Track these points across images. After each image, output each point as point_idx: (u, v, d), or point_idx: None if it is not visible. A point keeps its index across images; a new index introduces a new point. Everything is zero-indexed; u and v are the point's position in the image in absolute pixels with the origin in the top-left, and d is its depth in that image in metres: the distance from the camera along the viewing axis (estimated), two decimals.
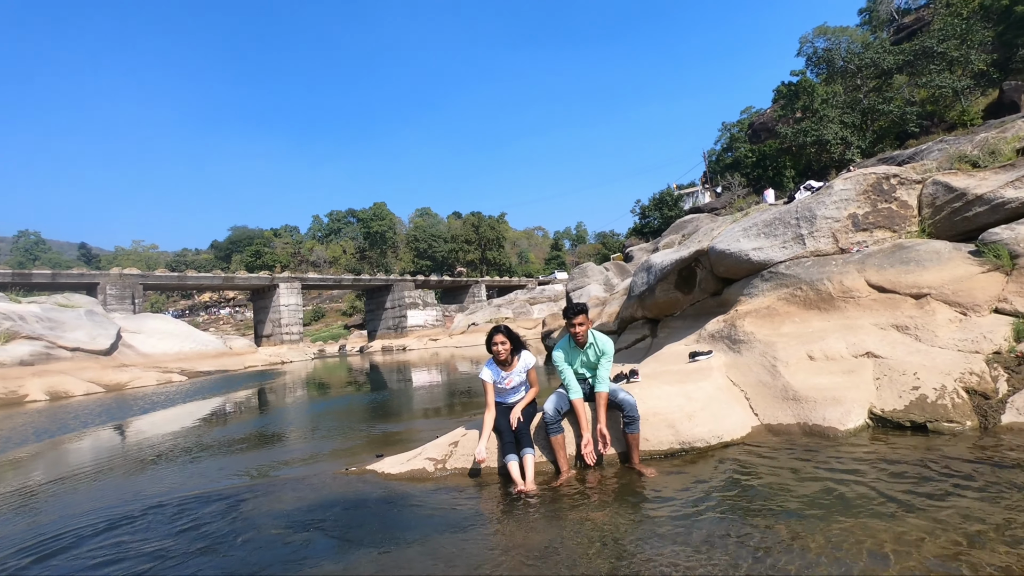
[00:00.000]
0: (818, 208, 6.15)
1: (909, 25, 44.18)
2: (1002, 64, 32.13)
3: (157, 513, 3.76)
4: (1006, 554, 2.10)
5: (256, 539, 3.06)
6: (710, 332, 6.18)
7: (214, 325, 72.16)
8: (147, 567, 2.81)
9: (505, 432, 3.79)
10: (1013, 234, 5.01)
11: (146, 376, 22.01)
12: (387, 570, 2.53)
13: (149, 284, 40.33)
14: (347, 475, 4.20)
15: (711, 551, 2.38)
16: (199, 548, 3.01)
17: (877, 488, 2.89)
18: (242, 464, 5.40)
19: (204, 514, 3.62)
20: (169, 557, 2.92)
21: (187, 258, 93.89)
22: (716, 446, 3.94)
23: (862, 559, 2.17)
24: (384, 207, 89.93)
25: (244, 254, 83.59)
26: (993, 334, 4.40)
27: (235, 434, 7.41)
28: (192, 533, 3.26)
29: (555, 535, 2.77)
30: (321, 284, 52.52)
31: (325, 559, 2.72)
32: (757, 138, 47.73)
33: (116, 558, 2.98)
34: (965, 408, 3.87)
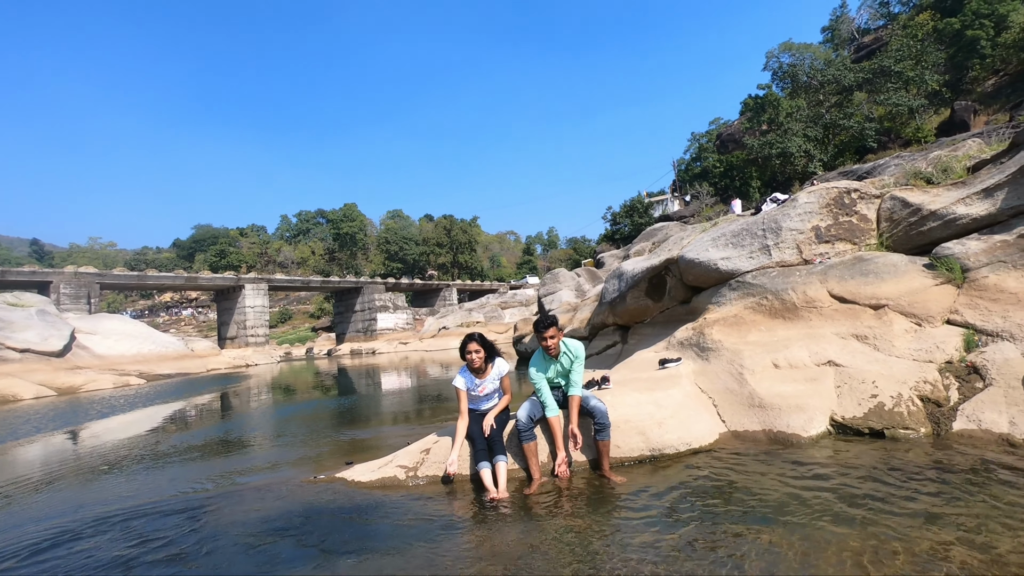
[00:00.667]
0: (783, 220, 6.34)
1: (868, 44, 46.04)
2: (953, 85, 33.77)
3: (107, 526, 3.60)
4: (962, 555, 2.20)
5: (221, 551, 2.97)
6: (679, 339, 6.29)
7: (175, 326, 69.87)
8: None
9: (478, 439, 3.78)
10: (964, 249, 5.27)
11: (102, 379, 21.14)
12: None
13: (106, 283, 38.78)
14: (315, 483, 4.12)
15: (681, 558, 2.42)
16: (159, 559, 2.90)
17: (839, 493, 2.99)
18: (202, 472, 5.23)
19: (161, 526, 3.48)
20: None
21: (147, 257, 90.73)
22: (685, 453, 4.01)
23: (828, 563, 2.24)
24: (355, 208, 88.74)
25: (208, 253, 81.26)
26: (945, 344, 4.60)
27: (195, 440, 7.18)
28: (148, 546, 3.14)
29: (527, 543, 2.77)
30: (289, 286, 51.42)
31: (292, 571, 2.65)
32: (725, 149, 48.93)
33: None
34: (919, 415, 4.04)
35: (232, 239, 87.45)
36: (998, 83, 31.97)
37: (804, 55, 42.06)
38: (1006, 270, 4.96)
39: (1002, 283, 4.89)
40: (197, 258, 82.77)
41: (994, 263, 5.05)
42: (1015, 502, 2.67)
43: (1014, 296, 4.76)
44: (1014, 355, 4.18)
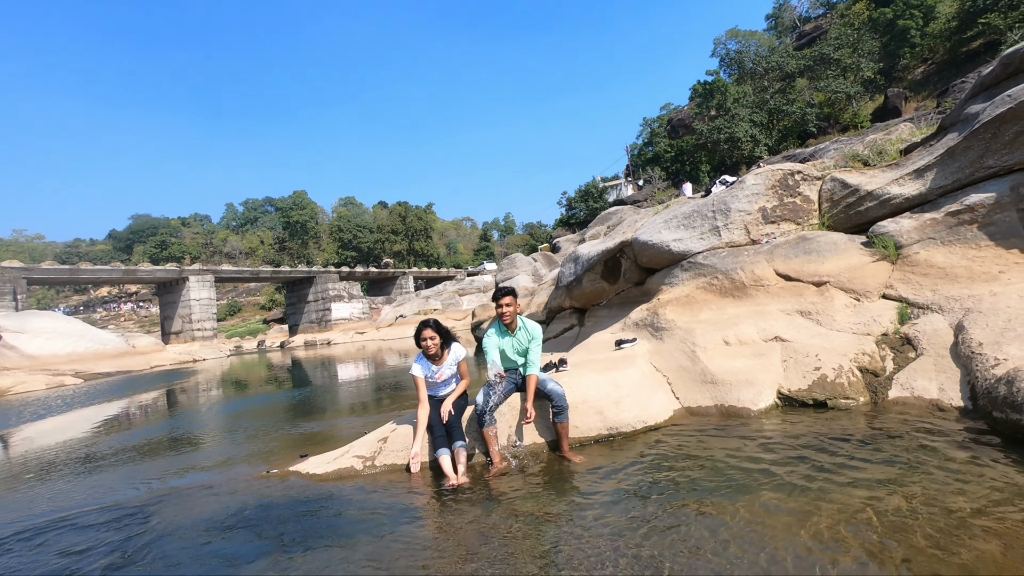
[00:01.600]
0: (732, 201, 6.51)
1: (809, 33, 47.70)
2: (887, 72, 35.47)
3: (36, 535, 3.37)
4: (899, 507, 2.32)
5: (169, 555, 2.82)
6: (634, 320, 6.40)
7: (114, 322, 66.16)
8: None
9: (436, 426, 3.73)
10: (897, 227, 5.55)
11: (33, 380, 19.83)
12: (314, 572, 2.42)
13: (34, 278, 36.20)
14: (267, 478, 3.98)
15: (636, 535, 2.46)
16: (98, 568, 2.74)
17: (784, 462, 3.12)
18: (146, 473, 4.96)
19: (101, 533, 3.29)
20: None
21: (80, 249, 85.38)
22: (641, 430, 4.10)
23: (777, 528, 2.32)
24: (305, 196, 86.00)
25: (148, 245, 77.26)
26: (881, 317, 4.85)
27: (138, 440, 6.83)
28: (87, 556, 2.94)
29: (485, 530, 2.75)
30: (237, 277, 49.43)
31: (244, 570, 2.55)
32: (676, 134, 49.92)
33: None
34: (859, 385, 4.25)
35: (173, 229, 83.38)
36: (927, 71, 33.78)
37: (750, 42, 43.26)
38: (935, 246, 5.26)
39: (931, 259, 5.18)
40: (136, 250, 78.59)
41: (924, 240, 5.34)
42: (940, 464, 2.85)
43: (942, 271, 5.06)
44: (943, 326, 4.44)
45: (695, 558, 2.16)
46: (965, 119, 5.68)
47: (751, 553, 2.14)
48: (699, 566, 2.10)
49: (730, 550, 2.18)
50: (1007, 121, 4.98)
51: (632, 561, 2.20)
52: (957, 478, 2.64)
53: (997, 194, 4.99)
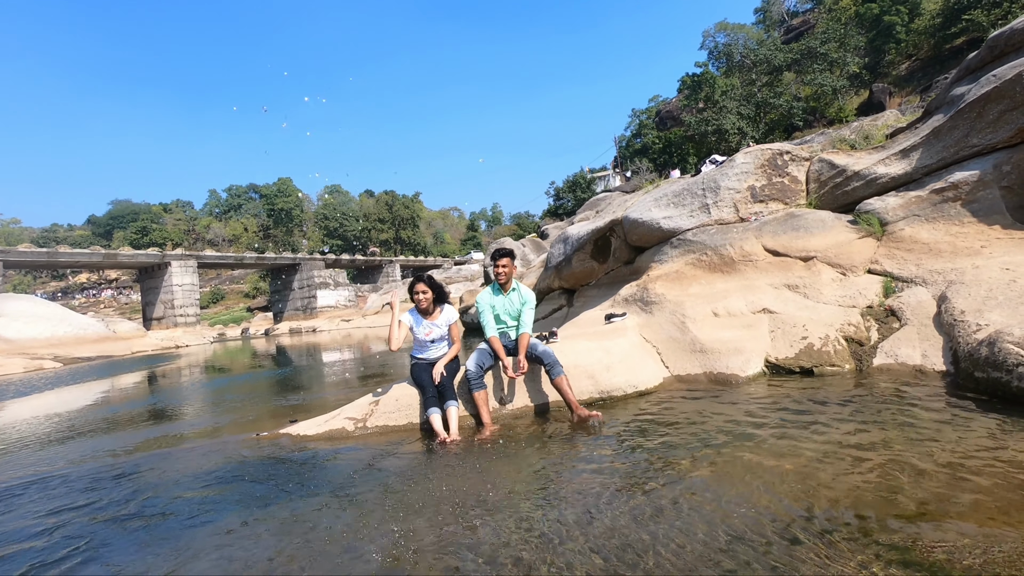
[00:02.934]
0: (722, 179, 6.56)
1: (797, 27, 48.02)
2: (872, 68, 35.90)
3: (27, 488, 3.33)
4: (881, 456, 2.38)
5: (162, 504, 2.79)
6: (624, 296, 6.44)
7: (93, 308, 64.93)
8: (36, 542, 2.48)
9: (428, 387, 3.73)
10: (883, 204, 5.64)
11: (10, 363, 19.41)
12: (303, 520, 2.41)
13: (10, 261, 35.35)
14: (257, 441, 3.95)
15: (629, 483, 2.48)
16: (91, 514, 2.70)
17: (777, 418, 3.18)
18: (132, 440, 4.89)
19: (93, 487, 3.24)
20: (58, 529, 2.60)
21: (58, 234, 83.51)
22: (632, 395, 4.14)
23: (763, 476, 2.36)
24: (290, 183, 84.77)
25: (128, 231, 75.76)
26: (867, 291, 4.94)
27: (124, 412, 6.73)
28: (84, 507, 2.91)
29: (481, 472, 2.77)
30: (220, 263, 48.70)
31: (231, 516, 2.53)
32: (664, 125, 50.08)
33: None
34: (844, 354, 4.33)
35: (155, 215, 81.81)
36: (911, 67, 34.24)
37: (738, 35, 43.38)
38: (920, 223, 5.36)
39: (916, 235, 5.28)
40: (116, 236, 77.02)
41: (909, 217, 5.44)
42: (923, 421, 2.92)
43: (926, 246, 5.16)
44: (926, 298, 4.53)
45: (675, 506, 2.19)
46: (951, 101, 5.77)
47: (736, 500, 2.18)
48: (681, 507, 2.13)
49: (723, 497, 2.22)
50: (992, 100, 5.07)
51: (616, 497, 2.23)
52: (936, 430, 2.71)
53: (980, 172, 5.09)
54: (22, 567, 2.21)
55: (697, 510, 2.09)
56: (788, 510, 2.01)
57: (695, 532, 1.92)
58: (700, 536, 1.89)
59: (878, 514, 1.90)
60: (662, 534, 1.92)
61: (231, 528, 2.38)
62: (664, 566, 1.72)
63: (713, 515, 2.03)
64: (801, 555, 1.71)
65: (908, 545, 1.69)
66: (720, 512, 2.05)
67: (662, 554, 1.79)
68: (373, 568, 1.88)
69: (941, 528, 1.77)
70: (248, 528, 2.36)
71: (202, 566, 2.03)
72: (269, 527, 2.34)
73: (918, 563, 1.60)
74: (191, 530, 2.40)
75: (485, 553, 1.91)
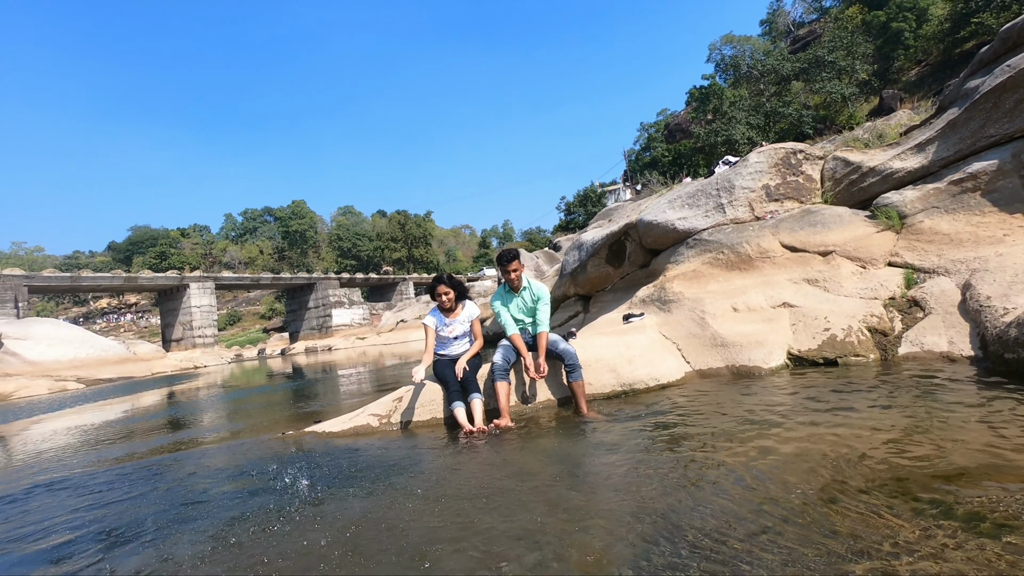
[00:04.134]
0: (736, 179, 6.58)
1: (803, 37, 48.20)
2: (881, 74, 35.84)
3: (64, 485, 3.39)
4: (916, 432, 2.35)
5: (194, 492, 2.84)
6: (641, 298, 6.44)
7: (114, 333, 65.93)
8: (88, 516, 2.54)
9: (451, 382, 3.76)
10: (901, 198, 5.62)
11: (35, 385, 19.78)
12: (343, 509, 2.43)
13: (35, 286, 36.17)
14: (283, 439, 3.99)
15: (652, 466, 2.48)
16: (118, 505, 2.75)
17: (805, 402, 3.16)
18: (160, 442, 4.97)
19: (120, 483, 3.30)
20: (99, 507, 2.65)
21: (79, 261, 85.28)
22: (654, 388, 4.13)
23: (795, 451, 2.35)
24: (304, 205, 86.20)
25: (147, 256, 77.16)
26: (888, 283, 4.90)
27: (151, 422, 6.83)
28: (112, 498, 2.97)
29: (506, 460, 2.78)
30: (237, 284, 49.41)
31: (262, 498, 2.57)
32: (673, 138, 50.25)
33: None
34: (868, 344, 4.29)
35: (173, 240, 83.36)
36: (920, 72, 34.12)
37: (744, 47, 43.65)
38: (939, 214, 5.32)
39: (936, 226, 5.24)
40: (135, 261, 78.46)
41: (928, 209, 5.40)
42: (954, 399, 2.88)
43: (947, 237, 5.12)
44: (950, 287, 4.49)
45: (698, 487, 2.19)
46: (965, 95, 5.77)
47: (769, 470, 2.17)
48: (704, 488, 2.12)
49: (755, 469, 2.21)
50: (1007, 89, 5.06)
51: (641, 482, 2.23)
52: (968, 405, 2.67)
53: (999, 161, 5.05)
54: (91, 537, 2.26)
55: (730, 479, 2.08)
56: (823, 477, 2.00)
57: (729, 497, 1.91)
58: (734, 501, 1.88)
59: (915, 477, 1.88)
60: (697, 500, 1.92)
61: (314, 507, 2.40)
62: (700, 524, 1.72)
63: (745, 484, 2.02)
64: (838, 511, 1.70)
65: (946, 500, 1.68)
66: (753, 481, 2.04)
67: (699, 517, 1.78)
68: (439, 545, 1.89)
69: (979, 486, 1.75)
70: (313, 509, 2.39)
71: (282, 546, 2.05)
72: (329, 508, 2.36)
73: (956, 514, 1.59)
74: (240, 514, 2.44)
75: (529, 528, 1.92)
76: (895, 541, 1.49)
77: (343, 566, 1.75)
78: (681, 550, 1.59)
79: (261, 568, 1.80)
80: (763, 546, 1.55)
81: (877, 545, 1.49)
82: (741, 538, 1.61)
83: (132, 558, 2.06)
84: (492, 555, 1.70)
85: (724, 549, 1.56)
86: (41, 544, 2.38)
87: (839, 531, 1.58)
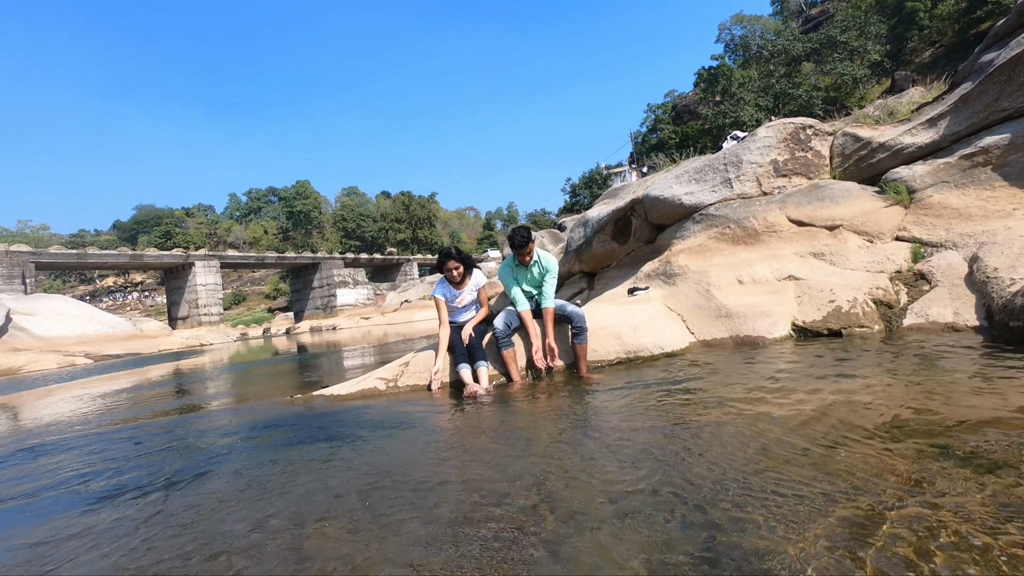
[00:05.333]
0: (744, 154, 6.53)
1: (815, 17, 47.29)
2: (894, 55, 35.19)
3: (80, 440, 3.47)
4: (921, 388, 2.38)
5: (207, 447, 2.90)
6: (646, 272, 6.45)
7: (120, 311, 66.42)
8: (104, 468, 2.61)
9: (457, 347, 3.81)
10: (911, 172, 5.58)
11: (44, 359, 20.07)
12: (358, 457, 2.49)
13: (42, 263, 36.37)
14: (292, 402, 4.06)
15: (655, 417, 2.52)
16: (138, 460, 2.83)
17: (810, 366, 3.19)
18: (171, 406, 5.06)
19: (138, 439, 3.38)
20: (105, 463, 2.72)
21: (85, 239, 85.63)
22: (659, 356, 4.16)
23: (798, 404, 2.38)
24: (308, 185, 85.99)
25: (152, 235, 77.41)
26: (895, 256, 4.89)
27: (162, 390, 6.94)
28: (127, 454, 3.04)
29: (511, 419, 2.83)
30: (242, 263, 49.57)
31: (274, 452, 2.63)
32: (680, 120, 49.70)
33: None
34: (873, 315, 4.30)
35: (178, 219, 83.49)
36: (935, 54, 33.50)
37: (755, 27, 42.89)
38: (948, 189, 5.29)
39: (945, 200, 5.21)
40: (140, 240, 78.75)
41: (938, 183, 5.37)
42: (959, 361, 2.90)
43: (956, 211, 5.09)
44: (957, 260, 4.49)
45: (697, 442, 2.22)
46: (979, 68, 5.69)
47: (773, 421, 2.20)
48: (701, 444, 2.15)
49: (760, 422, 2.25)
50: (1023, 62, 4.99)
51: (643, 431, 2.27)
52: (972, 366, 2.70)
53: (1012, 135, 5.00)
54: (116, 479, 2.33)
55: (730, 431, 2.11)
56: (826, 425, 2.04)
57: (730, 444, 1.95)
58: (736, 447, 1.92)
59: (918, 423, 1.92)
60: (698, 447, 1.96)
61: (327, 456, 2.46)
62: (700, 466, 1.75)
63: (748, 434, 2.05)
64: (841, 452, 1.74)
65: (948, 442, 1.71)
66: (756, 431, 2.07)
67: (700, 457, 1.82)
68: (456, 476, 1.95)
69: (981, 433, 1.78)
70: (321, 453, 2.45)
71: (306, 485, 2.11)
72: (344, 455, 2.43)
73: (957, 455, 1.63)
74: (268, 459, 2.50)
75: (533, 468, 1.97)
76: (895, 477, 1.53)
77: (366, 502, 1.80)
78: (684, 482, 1.62)
79: (282, 504, 1.86)
80: (765, 480, 1.59)
81: (876, 479, 1.52)
82: (742, 476, 1.65)
83: (172, 497, 2.13)
84: (501, 481, 1.75)
85: (729, 484, 1.60)
86: (77, 487, 2.46)
87: (838, 470, 1.62)
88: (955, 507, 1.32)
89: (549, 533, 1.42)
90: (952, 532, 1.21)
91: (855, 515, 1.34)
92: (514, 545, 1.38)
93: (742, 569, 1.17)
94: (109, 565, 1.56)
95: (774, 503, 1.45)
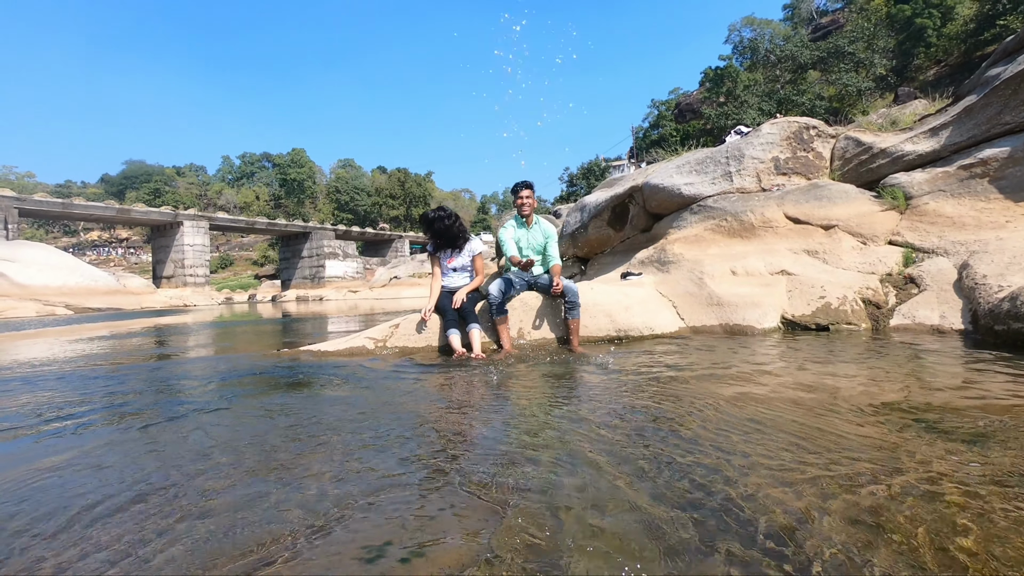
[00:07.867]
0: (747, 148, 6.54)
1: (825, 26, 47.24)
2: (899, 71, 35.36)
3: (46, 379, 3.42)
4: (903, 381, 2.42)
5: (185, 390, 2.87)
6: (640, 259, 6.47)
7: (103, 266, 65.34)
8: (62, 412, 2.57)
9: (448, 311, 3.80)
10: (909, 179, 5.63)
11: (23, 307, 19.73)
12: (329, 404, 2.49)
13: (26, 209, 35.51)
14: (278, 356, 4.03)
15: (640, 386, 2.54)
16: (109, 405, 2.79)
17: (793, 357, 3.22)
18: (146, 353, 5.00)
19: (107, 381, 3.34)
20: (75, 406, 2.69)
21: (72, 190, 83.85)
22: (648, 336, 4.20)
23: (781, 388, 2.41)
24: (303, 154, 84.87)
25: (141, 192, 76.14)
26: (887, 259, 4.95)
27: (137, 341, 6.85)
28: (95, 396, 3.00)
29: (497, 379, 2.83)
30: (232, 226, 48.90)
31: (257, 398, 2.61)
32: (683, 118, 49.64)
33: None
34: (861, 314, 4.36)
35: (168, 178, 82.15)
36: (939, 72, 33.67)
37: (764, 30, 42.83)
38: (945, 198, 5.35)
39: (940, 209, 5.27)
40: (128, 196, 77.26)
41: (935, 192, 5.43)
42: (940, 359, 2.95)
43: (950, 219, 5.15)
44: (947, 266, 4.55)
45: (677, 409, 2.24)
46: (985, 82, 5.72)
47: (756, 400, 2.23)
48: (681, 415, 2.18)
49: (744, 400, 2.27)
50: None
51: (618, 405, 2.28)
52: (953, 363, 2.75)
53: (1012, 149, 5.06)
54: (98, 411, 2.30)
55: (714, 404, 2.13)
56: (810, 403, 2.07)
57: (714, 413, 1.97)
58: (719, 418, 1.94)
59: (903, 403, 1.95)
60: (682, 413, 1.97)
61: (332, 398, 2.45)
62: (689, 428, 1.77)
63: (731, 408, 2.08)
64: (827, 423, 1.77)
65: (930, 420, 1.75)
66: (738, 407, 2.10)
67: (686, 421, 1.84)
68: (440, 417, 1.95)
69: (962, 415, 1.82)
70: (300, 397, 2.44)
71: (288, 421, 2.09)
72: (328, 397, 2.42)
73: (940, 428, 1.66)
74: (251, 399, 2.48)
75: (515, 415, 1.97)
76: (880, 445, 1.56)
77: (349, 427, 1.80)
78: (668, 445, 1.64)
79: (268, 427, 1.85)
80: (750, 442, 1.61)
81: (861, 447, 1.55)
82: (728, 441, 1.67)
83: (144, 422, 2.10)
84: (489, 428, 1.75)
85: (721, 441, 1.62)
86: (51, 416, 2.42)
87: (826, 441, 1.64)
88: (922, 461, 1.35)
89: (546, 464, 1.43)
90: (920, 480, 1.24)
91: (841, 473, 1.36)
92: (513, 466, 1.39)
93: (689, 474, 1.18)
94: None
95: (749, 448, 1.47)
